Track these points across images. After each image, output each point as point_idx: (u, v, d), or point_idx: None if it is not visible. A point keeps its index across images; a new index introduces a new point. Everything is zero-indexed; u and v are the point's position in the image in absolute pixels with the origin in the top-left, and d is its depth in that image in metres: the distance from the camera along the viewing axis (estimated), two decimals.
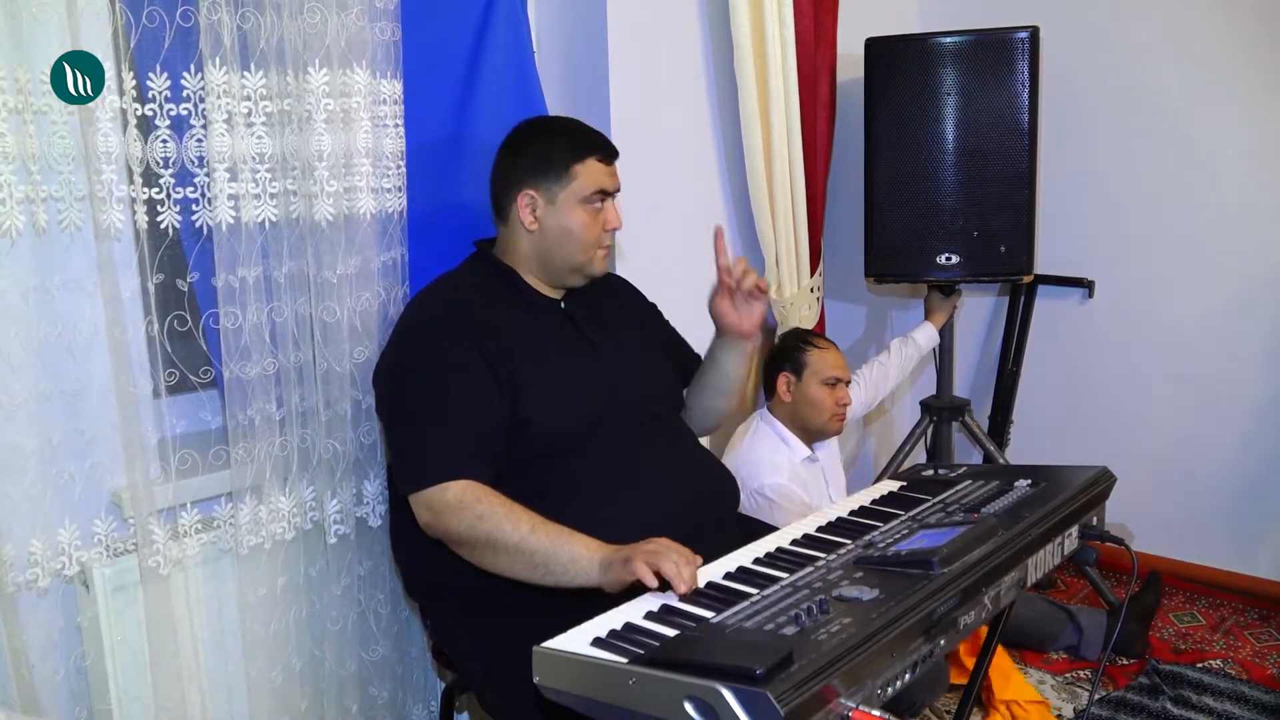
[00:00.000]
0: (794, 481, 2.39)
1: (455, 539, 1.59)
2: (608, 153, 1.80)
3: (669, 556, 1.37)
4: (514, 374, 1.67)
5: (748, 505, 2.28)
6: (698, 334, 2.02)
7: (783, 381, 2.52)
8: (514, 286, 1.80)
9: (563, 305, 1.84)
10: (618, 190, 1.82)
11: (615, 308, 1.93)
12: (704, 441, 2.03)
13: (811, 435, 2.50)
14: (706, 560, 1.44)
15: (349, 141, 1.83)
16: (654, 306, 2.06)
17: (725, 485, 1.87)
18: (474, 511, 1.55)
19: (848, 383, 2.54)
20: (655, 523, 1.62)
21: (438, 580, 1.75)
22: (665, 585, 1.36)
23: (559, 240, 1.77)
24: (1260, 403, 2.94)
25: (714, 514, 1.79)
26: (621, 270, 2.32)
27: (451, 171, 2.03)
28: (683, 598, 1.33)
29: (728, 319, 1.86)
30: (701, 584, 1.37)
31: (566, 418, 1.70)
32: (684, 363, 2.03)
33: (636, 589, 1.38)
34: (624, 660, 1.14)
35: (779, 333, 2.77)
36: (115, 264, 1.59)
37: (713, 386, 1.97)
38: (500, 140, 1.82)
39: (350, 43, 1.80)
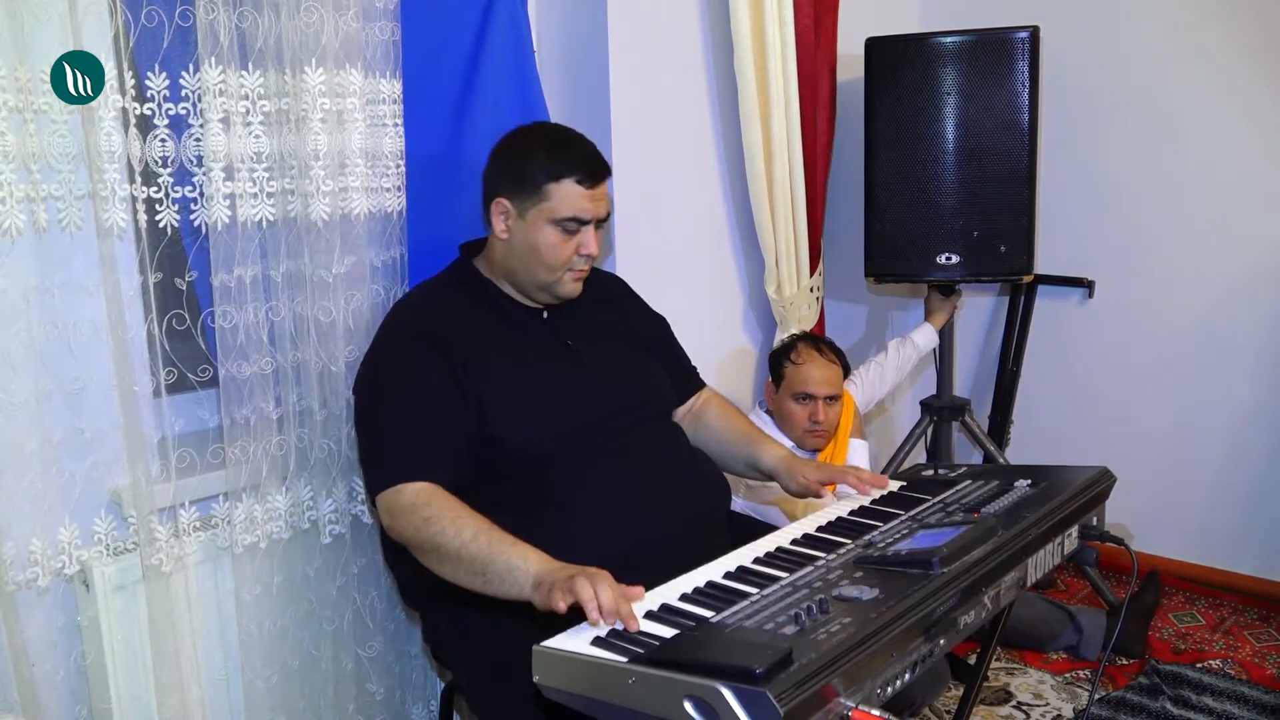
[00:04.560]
0: None
1: (408, 543, 1.56)
2: (591, 176, 1.69)
3: (587, 583, 1.25)
4: (479, 392, 1.64)
5: (737, 504, 2.27)
6: (694, 335, 2.02)
7: (768, 388, 2.52)
8: (489, 299, 1.76)
9: (545, 315, 1.80)
10: (602, 217, 1.73)
11: (608, 316, 1.88)
12: None
13: (797, 444, 2.46)
14: (696, 565, 1.42)
15: (347, 141, 1.83)
16: (659, 319, 2.00)
17: (713, 492, 1.82)
18: (421, 515, 1.51)
19: (832, 398, 2.45)
20: (633, 534, 1.60)
21: (428, 587, 1.69)
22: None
23: (524, 256, 1.72)
24: (1260, 403, 2.94)
25: (699, 524, 1.72)
26: (620, 270, 2.32)
27: (451, 171, 2.03)
28: (666, 607, 1.28)
29: (810, 488, 1.77)
30: (702, 583, 1.36)
31: (536, 433, 1.65)
32: (680, 382, 1.96)
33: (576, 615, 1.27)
34: (624, 659, 1.14)
35: (777, 333, 2.77)
36: (117, 263, 1.59)
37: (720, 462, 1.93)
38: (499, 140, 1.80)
39: (348, 42, 1.80)
